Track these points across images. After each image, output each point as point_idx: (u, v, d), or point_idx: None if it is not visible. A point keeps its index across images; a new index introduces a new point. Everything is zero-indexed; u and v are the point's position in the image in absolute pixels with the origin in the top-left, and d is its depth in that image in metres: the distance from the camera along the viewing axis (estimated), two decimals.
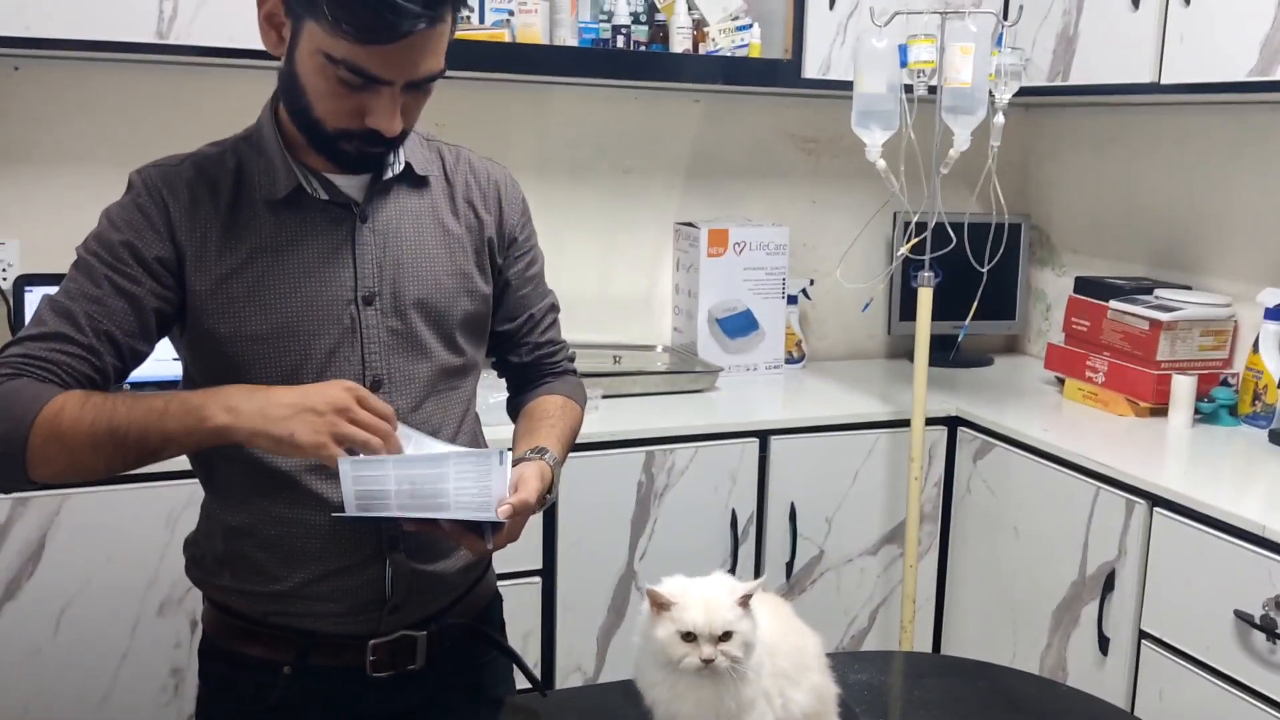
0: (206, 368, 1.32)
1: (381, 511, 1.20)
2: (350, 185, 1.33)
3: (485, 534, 1.26)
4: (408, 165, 1.36)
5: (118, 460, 1.20)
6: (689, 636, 1.14)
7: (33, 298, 2.27)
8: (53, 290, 2.33)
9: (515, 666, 1.51)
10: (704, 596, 1.15)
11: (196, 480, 1.99)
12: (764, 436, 2.40)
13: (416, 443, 1.28)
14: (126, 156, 2.39)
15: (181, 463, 1.99)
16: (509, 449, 1.28)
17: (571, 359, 1.60)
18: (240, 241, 1.29)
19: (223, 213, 1.29)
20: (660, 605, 1.16)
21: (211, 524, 1.37)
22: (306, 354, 1.30)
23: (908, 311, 2.88)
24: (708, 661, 1.13)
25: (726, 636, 1.14)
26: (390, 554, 1.34)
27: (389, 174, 1.35)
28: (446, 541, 1.31)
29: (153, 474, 1.97)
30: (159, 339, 1.31)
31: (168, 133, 2.42)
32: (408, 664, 1.38)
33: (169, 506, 1.99)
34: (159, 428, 1.18)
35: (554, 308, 1.56)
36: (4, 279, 2.31)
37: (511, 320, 1.50)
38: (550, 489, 1.34)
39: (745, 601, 1.16)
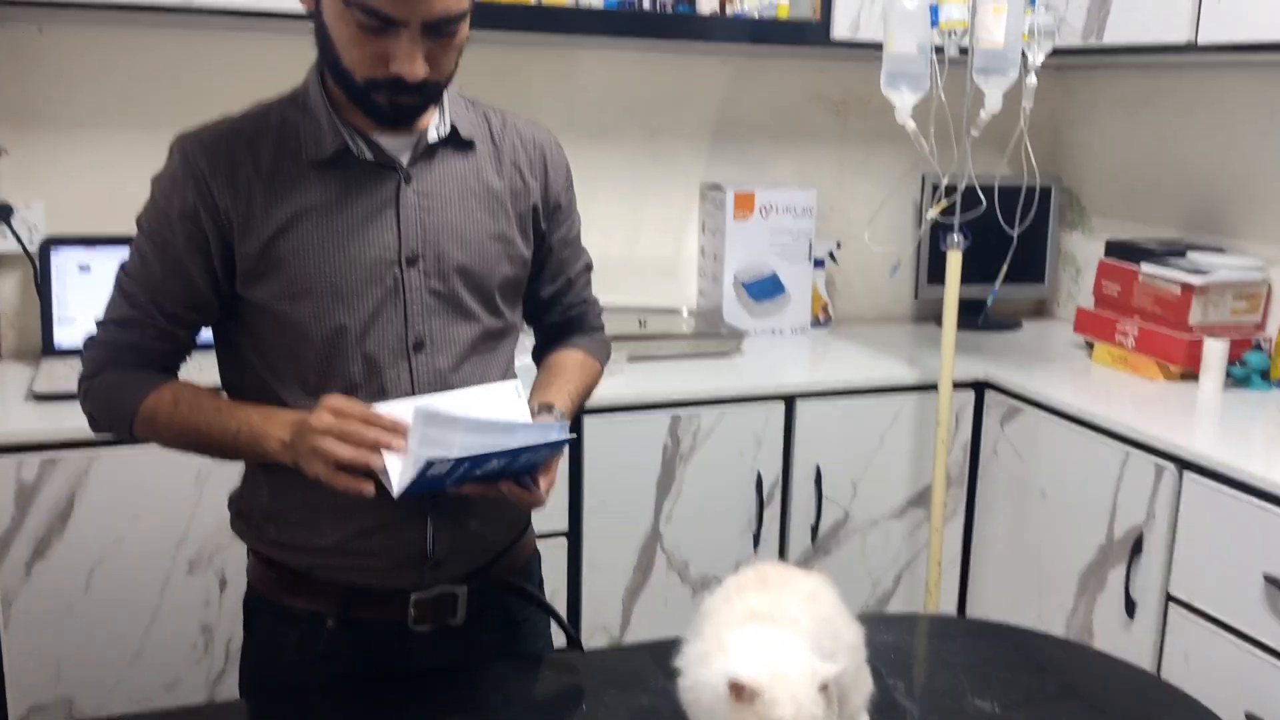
0: (255, 329, 1.33)
1: (446, 452, 1.20)
2: (395, 147, 1.32)
3: (528, 486, 1.28)
4: (453, 128, 1.36)
5: (205, 456, 1.35)
6: None
7: (59, 260, 2.29)
8: (81, 255, 2.35)
9: (554, 624, 1.53)
10: (793, 692, 1.06)
11: None
12: (790, 400, 2.39)
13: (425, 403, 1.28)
14: (151, 119, 2.41)
15: None
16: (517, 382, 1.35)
17: (599, 314, 1.61)
18: (285, 202, 1.29)
19: (265, 174, 1.29)
20: (744, 694, 1.07)
21: (257, 479, 1.39)
22: (351, 314, 1.30)
23: (936, 275, 2.86)
24: None
25: None
26: (432, 511, 1.35)
27: (434, 136, 1.34)
28: (486, 500, 1.32)
29: None
30: (220, 304, 1.34)
31: (193, 95, 2.42)
32: (449, 619, 1.40)
33: (197, 466, 2.00)
34: (233, 447, 1.30)
35: (588, 267, 1.58)
36: (30, 241, 2.32)
37: (552, 283, 1.52)
38: None
39: (825, 687, 1.08)
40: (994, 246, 2.50)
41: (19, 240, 2.32)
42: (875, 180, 2.96)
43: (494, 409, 1.29)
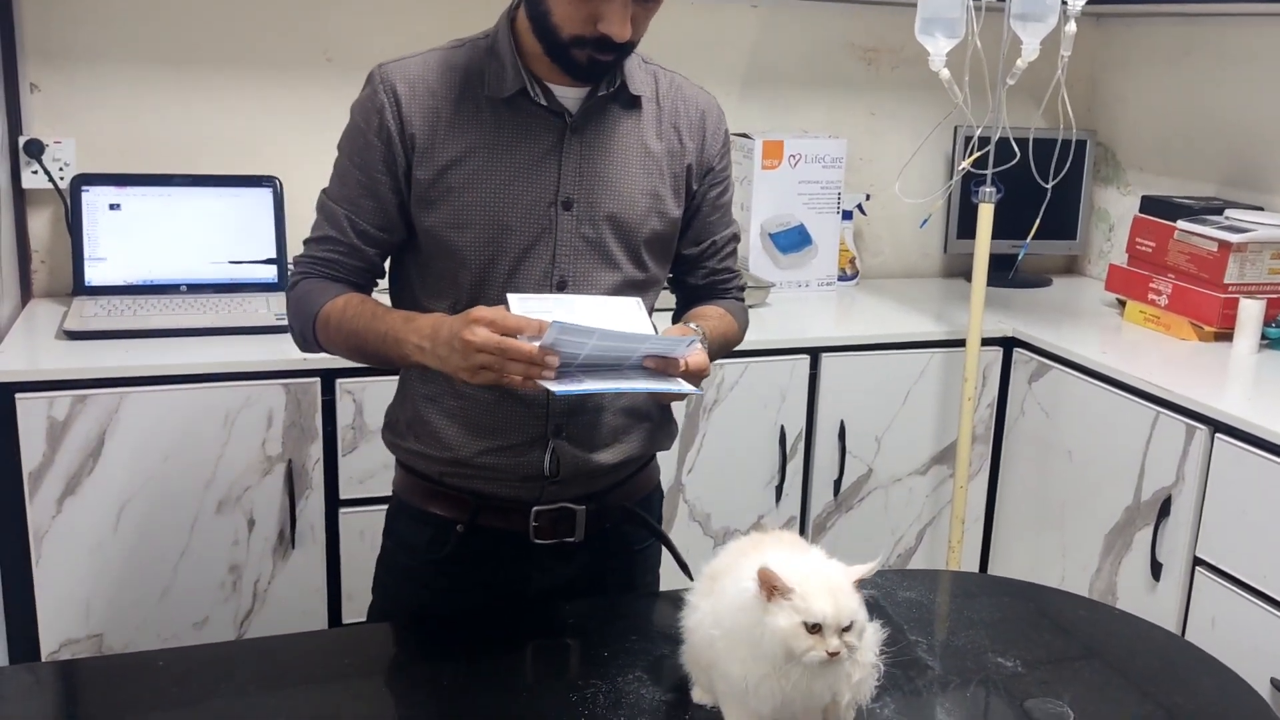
0: (421, 252, 1.42)
1: (577, 352, 1.24)
2: (568, 96, 1.41)
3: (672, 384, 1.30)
4: (622, 84, 1.43)
5: (370, 364, 1.45)
6: (814, 628, 1.06)
7: (90, 197, 2.29)
8: (112, 193, 2.36)
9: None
10: (829, 584, 1.07)
11: (253, 382, 2.03)
12: (815, 354, 2.38)
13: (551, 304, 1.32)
14: (183, 56, 2.40)
15: (238, 364, 2.02)
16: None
17: (742, 288, 1.65)
18: (462, 135, 1.39)
19: (450, 106, 1.39)
20: (778, 591, 1.07)
21: (406, 390, 1.51)
22: (504, 248, 1.40)
23: (966, 229, 2.82)
24: (833, 655, 1.06)
25: (848, 626, 1.07)
26: (554, 439, 1.44)
27: (604, 90, 1.41)
28: (606, 430, 1.45)
29: (210, 374, 2.01)
30: (405, 227, 1.43)
31: (222, 32, 2.40)
32: (567, 535, 1.48)
33: (226, 407, 2.02)
34: (383, 352, 1.38)
35: (735, 237, 1.62)
36: (61, 178, 2.32)
37: (696, 244, 1.56)
38: None
39: (857, 584, 1.10)
40: (1026, 201, 2.47)
41: (50, 177, 2.32)
42: (906, 131, 2.92)
43: (618, 319, 1.34)
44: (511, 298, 1.31)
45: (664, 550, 1.63)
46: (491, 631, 1.41)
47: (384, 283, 1.52)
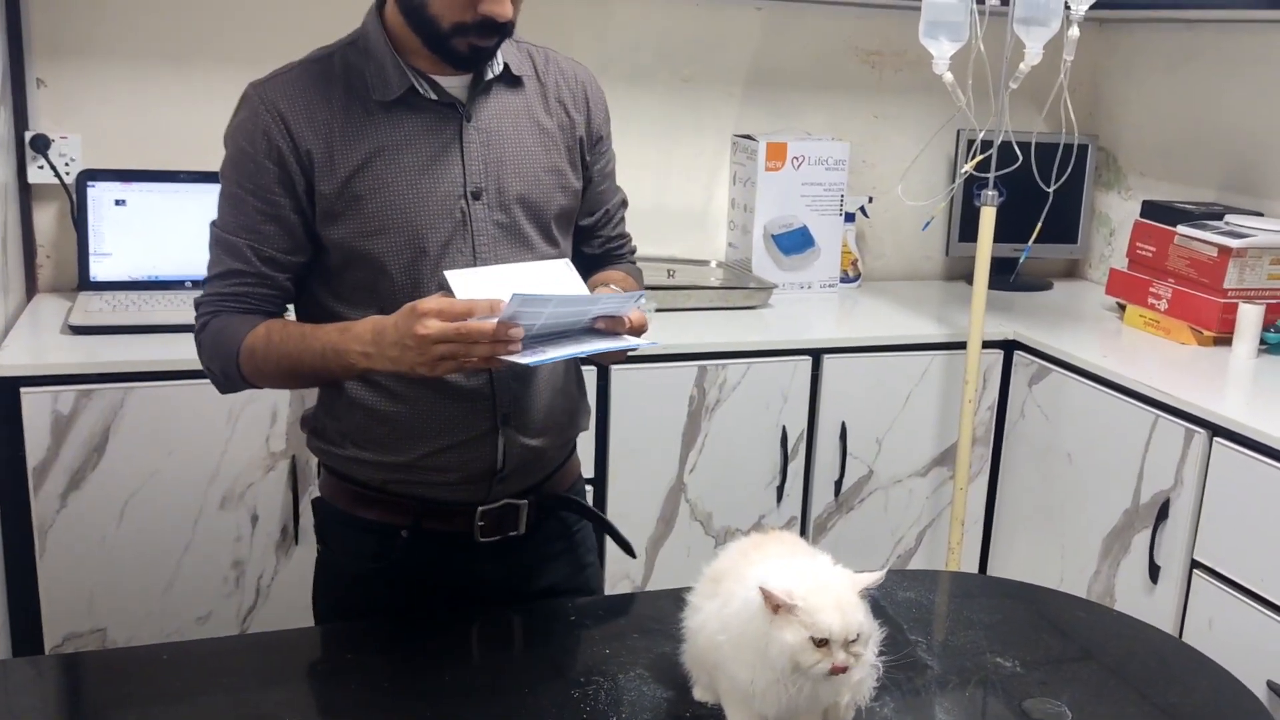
0: (331, 267, 1.40)
1: (534, 322, 1.23)
2: (454, 86, 1.40)
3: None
4: (505, 66, 1.43)
5: (307, 386, 1.46)
6: (821, 642, 1.06)
7: (95, 192, 2.30)
8: (118, 189, 2.36)
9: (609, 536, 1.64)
10: (836, 597, 1.07)
11: None
12: (817, 355, 2.39)
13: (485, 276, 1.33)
14: (189, 52, 2.40)
15: None
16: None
17: (634, 251, 1.68)
18: (360, 142, 1.36)
19: (339, 115, 1.36)
20: (785, 606, 1.06)
21: (334, 399, 1.45)
22: (423, 248, 1.38)
23: (967, 232, 2.83)
24: (841, 669, 1.06)
25: (854, 638, 1.07)
26: (503, 429, 1.43)
27: (489, 75, 1.41)
28: (547, 416, 1.46)
29: None
30: (312, 245, 1.40)
31: (229, 27, 2.41)
32: (511, 530, 1.49)
33: (230, 403, 2.02)
34: (324, 368, 1.34)
35: (624, 203, 1.64)
36: (67, 173, 2.33)
37: (590, 215, 1.57)
38: None
39: (863, 594, 1.10)
40: (1027, 204, 2.48)
41: (56, 172, 2.32)
42: (909, 134, 2.93)
43: (558, 282, 1.35)
44: (450, 274, 1.30)
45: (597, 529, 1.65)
46: (493, 629, 1.42)
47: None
